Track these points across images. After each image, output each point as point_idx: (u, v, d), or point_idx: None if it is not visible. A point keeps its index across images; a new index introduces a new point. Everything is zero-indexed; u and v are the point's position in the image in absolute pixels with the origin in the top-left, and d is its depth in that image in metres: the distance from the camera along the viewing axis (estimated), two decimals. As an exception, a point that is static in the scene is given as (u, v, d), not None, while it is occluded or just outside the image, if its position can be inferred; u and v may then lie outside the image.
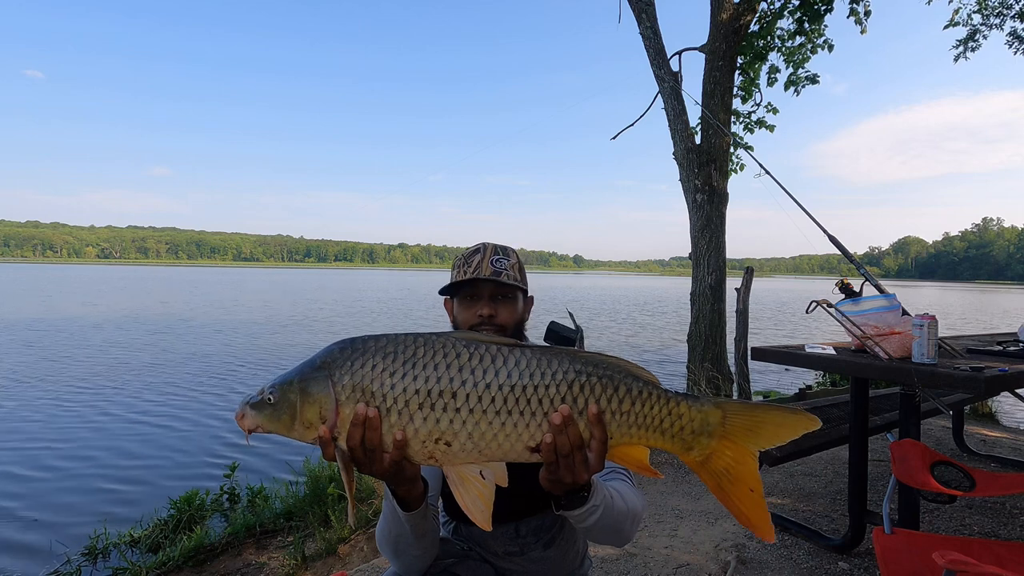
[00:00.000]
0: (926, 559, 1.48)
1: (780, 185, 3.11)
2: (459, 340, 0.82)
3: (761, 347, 2.54)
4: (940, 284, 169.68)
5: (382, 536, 1.03)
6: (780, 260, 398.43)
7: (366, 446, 0.78)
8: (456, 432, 0.78)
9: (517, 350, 0.81)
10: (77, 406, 7.55)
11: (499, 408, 0.78)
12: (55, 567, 3.35)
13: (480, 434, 0.78)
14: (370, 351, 0.81)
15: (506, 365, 0.79)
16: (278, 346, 13.70)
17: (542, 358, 0.81)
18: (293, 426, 0.80)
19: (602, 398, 0.81)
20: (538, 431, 0.79)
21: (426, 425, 0.78)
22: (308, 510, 3.59)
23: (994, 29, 7.92)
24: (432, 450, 0.79)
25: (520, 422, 0.79)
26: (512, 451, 0.80)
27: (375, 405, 0.78)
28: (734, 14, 5.71)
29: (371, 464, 0.80)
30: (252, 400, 0.83)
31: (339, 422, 0.79)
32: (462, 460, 0.80)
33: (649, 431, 0.83)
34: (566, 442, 0.78)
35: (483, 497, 0.80)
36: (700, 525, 2.76)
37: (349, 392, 0.79)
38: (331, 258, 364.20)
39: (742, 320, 5.94)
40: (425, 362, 0.79)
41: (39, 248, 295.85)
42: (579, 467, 0.80)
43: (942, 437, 4.10)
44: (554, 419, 0.78)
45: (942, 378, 1.91)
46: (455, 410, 0.78)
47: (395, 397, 0.78)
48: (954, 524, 2.71)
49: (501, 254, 1.22)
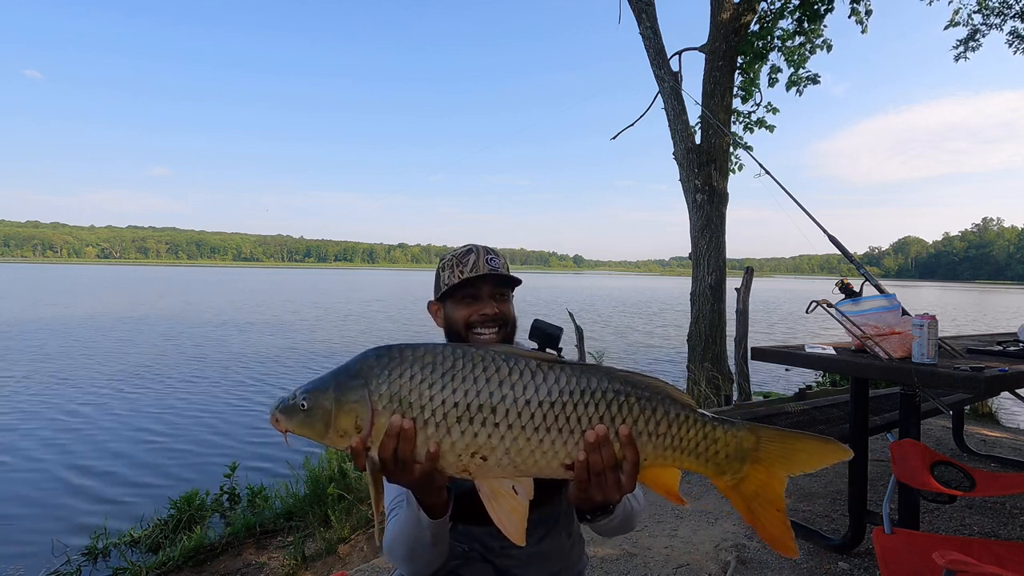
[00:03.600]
0: (926, 559, 1.48)
1: (780, 185, 3.11)
2: (499, 354, 0.81)
3: (761, 347, 2.54)
4: (940, 284, 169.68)
5: (396, 541, 1.02)
6: (780, 260, 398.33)
7: (399, 457, 0.77)
8: (494, 447, 0.77)
9: (557, 367, 0.80)
10: (77, 407, 7.56)
11: (538, 424, 0.77)
12: (55, 567, 3.35)
13: (517, 450, 0.77)
14: (407, 361, 0.79)
15: (546, 381, 0.78)
16: (279, 346, 13.70)
17: (582, 376, 0.80)
18: (326, 434, 0.79)
19: (640, 419, 0.80)
20: (575, 449, 0.78)
21: (463, 439, 0.77)
22: (308, 510, 3.60)
23: (994, 29, 7.93)
24: (467, 464, 0.78)
25: (558, 439, 0.78)
26: (547, 468, 0.79)
27: (411, 416, 0.77)
28: (734, 14, 5.71)
29: (401, 474, 0.79)
30: (284, 405, 0.82)
31: (373, 432, 0.78)
32: (496, 474, 0.79)
33: (684, 454, 0.82)
34: (599, 461, 0.78)
35: (516, 512, 0.80)
36: (700, 525, 2.76)
37: (386, 402, 0.77)
38: (331, 258, 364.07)
39: (742, 320, 5.94)
40: (464, 375, 0.78)
41: (39, 248, 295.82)
42: (611, 487, 0.80)
43: (942, 437, 4.10)
44: (589, 437, 0.77)
45: (942, 378, 1.91)
46: (494, 425, 0.76)
47: (433, 409, 0.77)
48: (954, 524, 2.71)
49: (493, 254, 1.21)
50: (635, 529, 0.87)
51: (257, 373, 10.16)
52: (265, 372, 10.30)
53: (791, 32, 6.54)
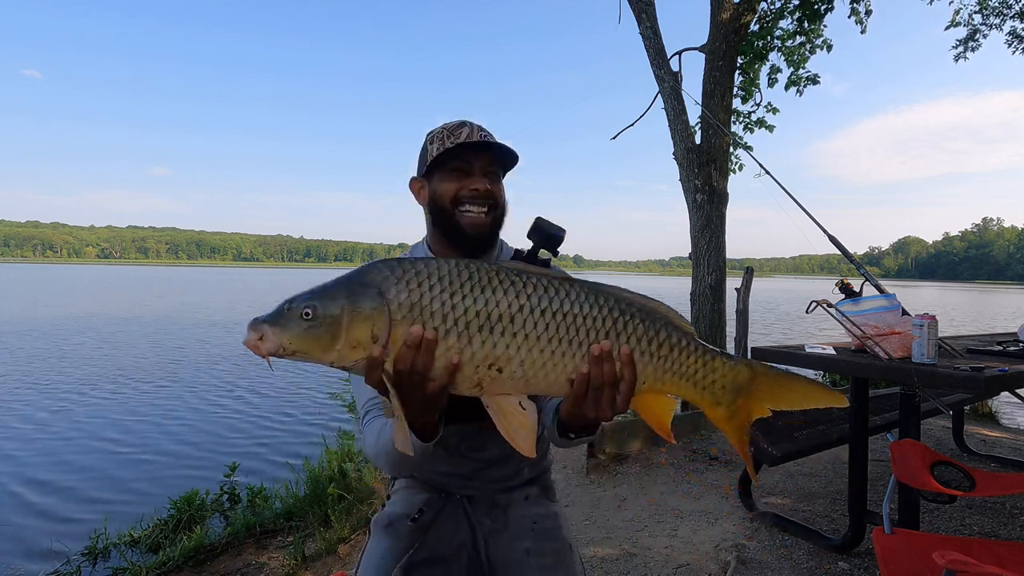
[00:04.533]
0: (926, 559, 1.48)
1: (780, 185, 3.11)
2: (510, 269, 0.80)
3: (761, 347, 2.55)
4: (940, 284, 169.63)
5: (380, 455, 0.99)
6: (780, 260, 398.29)
7: (417, 369, 0.73)
8: (510, 358, 0.76)
9: (567, 282, 0.81)
10: (76, 407, 7.55)
11: (551, 336, 0.77)
12: (55, 567, 3.35)
13: (531, 362, 0.77)
14: (422, 271, 0.76)
15: (558, 295, 0.79)
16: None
17: (591, 292, 0.81)
18: (333, 346, 0.72)
19: (643, 340, 0.81)
20: (580, 362, 0.79)
21: (483, 349, 0.75)
22: (308, 510, 3.59)
23: (994, 29, 7.93)
24: (482, 376, 0.77)
25: (567, 352, 0.78)
26: (555, 382, 0.80)
27: (432, 326, 0.73)
28: (734, 14, 5.71)
29: (413, 391, 0.75)
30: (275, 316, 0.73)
31: (390, 343, 0.73)
32: (506, 390, 0.79)
33: (682, 380, 0.84)
34: (600, 376, 0.78)
35: (525, 427, 0.80)
36: (700, 525, 2.76)
37: (406, 311, 0.73)
38: (331, 258, 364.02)
39: (742, 320, 5.94)
40: (482, 285, 0.76)
41: (39, 248, 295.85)
42: (606, 405, 0.81)
43: (942, 437, 4.09)
44: (594, 351, 0.78)
45: (942, 378, 1.91)
46: (511, 335, 0.75)
47: (456, 318, 0.74)
48: (954, 524, 2.71)
49: (487, 132, 1.13)
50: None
51: (257, 373, 10.15)
52: (266, 371, 10.29)
53: (791, 32, 6.53)
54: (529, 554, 1.17)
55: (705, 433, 4.16)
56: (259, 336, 0.72)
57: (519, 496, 1.24)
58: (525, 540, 1.18)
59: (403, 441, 0.77)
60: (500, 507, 1.22)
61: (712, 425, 4.32)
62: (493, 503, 1.22)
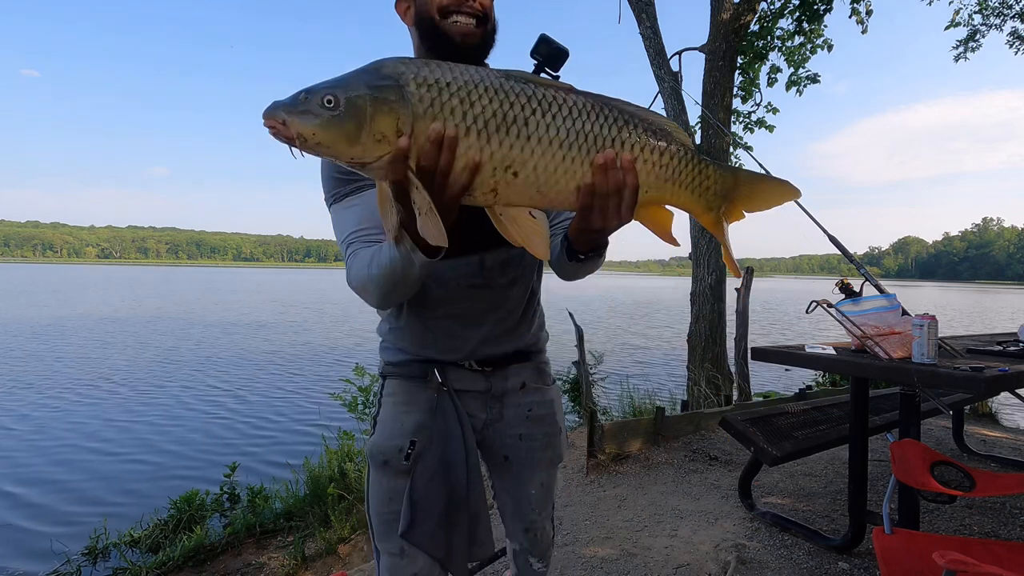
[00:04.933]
0: (926, 559, 1.48)
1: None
2: (519, 75, 0.80)
3: (761, 347, 2.54)
4: (940, 284, 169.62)
5: (373, 280, 0.96)
6: (780, 260, 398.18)
7: (439, 169, 0.72)
8: (525, 161, 0.77)
9: (573, 92, 0.82)
10: (76, 407, 7.56)
11: (562, 141, 0.78)
12: (55, 567, 3.35)
13: (544, 166, 0.79)
14: (438, 70, 0.75)
15: (567, 102, 0.80)
16: (280, 346, 13.71)
17: (596, 102, 0.82)
18: (358, 138, 0.70)
19: (645, 148, 0.85)
20: (587, 171, 0.81)
21: (501, 150, 0.75)
22: (308, 510, 3.59)
23: (994, 29, 7.93)
24: (499, 180, 0.77)
25: (578, 158, 0.80)
26: (564, 189, 0.82)
27: (454, 124, 0.72)
28: (734, 14, 5.71)
29: (437, 192, 0.74)
30: (294, 103, 0.69)
31: (414, 138, 0.71)
32: (519, 197, 0.80)
33: (680, 187, 0.88)
34: (606, 184, 0.80)
35: (538, 232, 0.82)
36: (700, 525, 2.76)
37: (427, 106, 0.71)
38: (331, 258, 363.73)
39: (742, 320, 5.94)
40: (496, 88, 0.76)
41: (39, 248, 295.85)
42: (612, 213, 0.83)
43: (942, 437, 4.09)
44: (598, 160, 0.80)
45: (942, 378, 1.91)
46: (526, 138, 0.76)
47: (475, 116, 0.73)
48: (954, 524, 2.71)
49: None
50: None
51: (257, 373, 10.16)
52: (266, 372, 10.30)
53: (791, 32, 6.54)
54: (521, 439, 1.26)
55: (705, 433, 4.16)
56: (282, 121, 0.69)
57: (515, 384, 1.25)
58: (519, 427, 1.26)
59: (436, 234, 0.74)
60: (496, 397, 1.23)
61: (712, 425, 4.29)
62: (490, 393, 1.22)
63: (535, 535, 1.34)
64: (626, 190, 0.82)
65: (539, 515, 1.33)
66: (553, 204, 0.84)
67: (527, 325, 1.26)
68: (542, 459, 1.29)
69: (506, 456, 1.28)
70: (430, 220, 0.74)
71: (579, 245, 0.97)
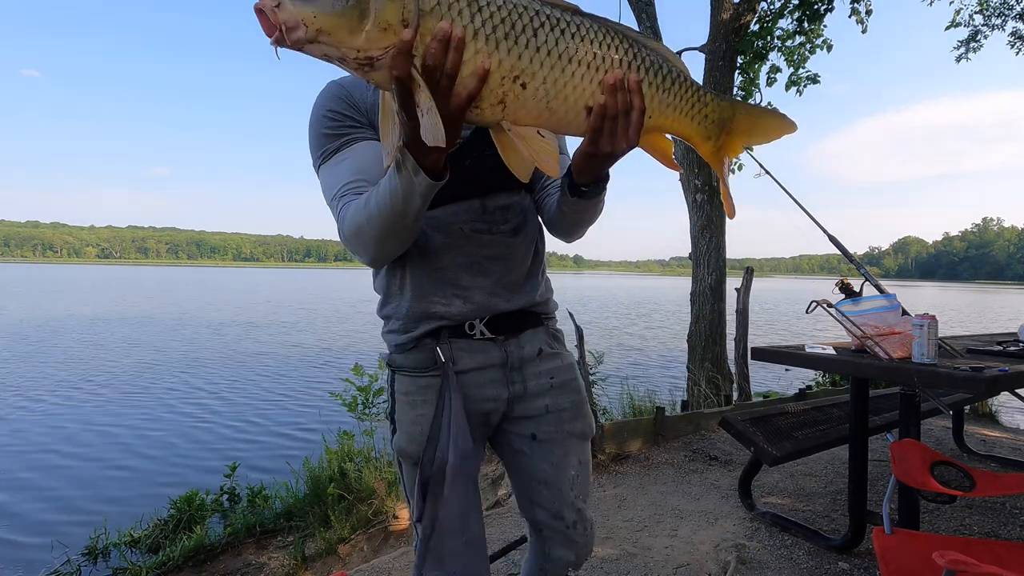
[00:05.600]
0: (926, 559, 1.48)
1: (780, 185, 3.11)
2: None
3: (761, 347, 2.54)
4: (940, 284, 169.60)
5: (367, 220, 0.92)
6: (780, 260, 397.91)
7: (445, 71, 0.70)
8: (534, 73, 0.77)
9: (580, 13, 0.82)
10: (76, 406, 7.55)
11: (571, 56, 0.78)
12: (55, 567, 3.35)
13: (553, 80, 0.78)
14: None
15: (575, 20, 0.80)
16: (281, 346, 13.71)
17: (603, 24, 0.83)
18: (361, 27, 0.66)
19: (650, 71, 0.86)
20: (597, 91, 0.81)
21: (509, 59, 0.74)
22: (308, 510, 3.59)
23: (995, 30, 7.93)
24: (507, 90, 0.76)
25: (586, 75, 0.80)
26: (573, 107, 0.81)
27: (461, 24, 0.70)
28: (734, 14, 5.71)
29: (440, 99, 0.72)
30: None
31: (420, 34, 0.69)
32: (526, 113, 0.80)
33: (680, 113, 0.90)
34: (615, 105, 0.81)
35: (547, 150, 0.81)
36: (700, 525, 2.76)
37: (434, 3, 0.69)
38: (331, 258, 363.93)
39: (742, 320, 5.94)
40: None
41: (39, 248, 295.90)
42: (620, 136, 0.84)
43: (942, 437, 4.09)
44: (608, 79, 0.80)
45: (942, 378, 1.91)
46: (535, 49, 0.76)
47: (483, 20, 0.72)
48: (954, 524, 2.71)
49: None
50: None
51: (257, 373, 10.16)
52: (266, 372, 10.30)
53: (791, 32, 6.54)
54: (548, 411, 1.19)
55: (705, 433, 4.16)
56: (277, 3, 0.62)
57: (531, 351, 1.19)
58: (544, 398, 1.19)
59: (435, 134, 0.72)
60: (515, 368, 1.17)
61: (712, 425, 4.29)
62: (507, 364, 1.16)
63: (584, 529, 1.22)
64: (634, 112, 0.83)
65: (585, 503, 1.23)
66: (562, 123, 0.83)
67: (534, 280, 1.21)
68: (573, 431, 1.21)
69: (533, 434, 1.19)
70: (431, 120, 0.71)
71: (583, 176, 0.95)
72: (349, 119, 1.05)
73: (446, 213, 1.08)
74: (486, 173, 1.08)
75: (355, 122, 1.05)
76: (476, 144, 1.06)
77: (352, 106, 1.05)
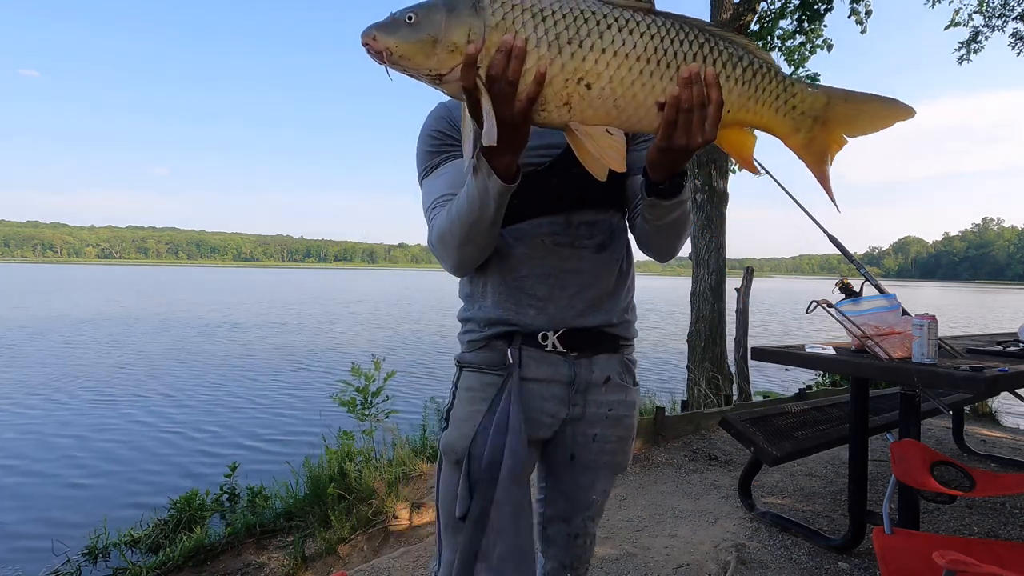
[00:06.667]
0: (926, 559, 1.48)
1: (780, 185, 3.10)
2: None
3: (761, 347, 2.54)
4: (940, 284, 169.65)
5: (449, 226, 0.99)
6: (780, 260, 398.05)
7: (509, 77, 0.76)
8: (600, 73, 0.79)
9: (651, 12, 0.83)
10: (76, 406, 7.55)
11: (639, 55, 0.80)
12: (55, 567, 3.35)
13: (619, 79, 0.80)
14: None
15: (644, 20, 0.81)
16: (281, 346, 13.70)
17: (676, 20, 0.83)
18: (434, 49, 0.78)
19: (728, 63, 0.84)
20: (669, 85, 0.81)
21: (572, 62, 0.78)
22: (308, 510, 3.59)
23: (996, 31, 7.94)
24: (571, 92, 0.79)
25: (656, 72, 0.81)
26: (643, 104, 0.82)
27: (523, 36, 0.77)
28: (734, 14, 5.71)
29: (504, 104, 0.78)
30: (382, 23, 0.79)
31: (484, 48, 0.77)
32: (593, 113, 0.82)
33: (764, 106, 0.87)
34: (690, 97, 0.80)
35: (615, 147, 0.83)
36: (700, 525, 2.76)
37: (499, 19, 0.78)
38: (331, 258, 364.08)
39: (742, 320, 5.94)
40: (572, 5, 0.80)
41: (39, 248, 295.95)
42: (696, 129, 0.82)
43: (942, 437, 4.09)
44: (683, 72, 0.80)
45: (942, 378, 1.91)
46: (600, 51, 0.79)
47: (546, 29, 0.78)
48: (954, 524, 2.71)
49: None
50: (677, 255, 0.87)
51: (258, 373, 10.16)
52: (267, 372, 10.30)
53: (791, 32, 6.54)
54: (595, 440, 1.19)
55: (705, 433, 4.16)
56: (371, 37, 0.78)
57: (600, 377, 1.16)
58: (596, 427, 1.19)
59: (491, 136, 0.78)
60: (580, 391, 1.15)
61: (712, 425, 4.29)
62: (574, 385, 1.14)
63: (584, 543, 1.25)
64: (711, 105, 0.82)
65: (594, 523, 1.25)
66: (631, 121, 0.84)
67: (615, 301, 1.19)
68: (610, 464, 1.21)
69: (573, 455, 1.19)
70: (489, 122, 0.78)
71: (658, 172, 0.92)
72: (450, 138, 1.12)
73: (530, 226, 1.10)
74: (573, 190, 1.10)
75: (455, 140, 1.11)
76: (564, 163, 1.07)
77: (453, 126, 1.12)
